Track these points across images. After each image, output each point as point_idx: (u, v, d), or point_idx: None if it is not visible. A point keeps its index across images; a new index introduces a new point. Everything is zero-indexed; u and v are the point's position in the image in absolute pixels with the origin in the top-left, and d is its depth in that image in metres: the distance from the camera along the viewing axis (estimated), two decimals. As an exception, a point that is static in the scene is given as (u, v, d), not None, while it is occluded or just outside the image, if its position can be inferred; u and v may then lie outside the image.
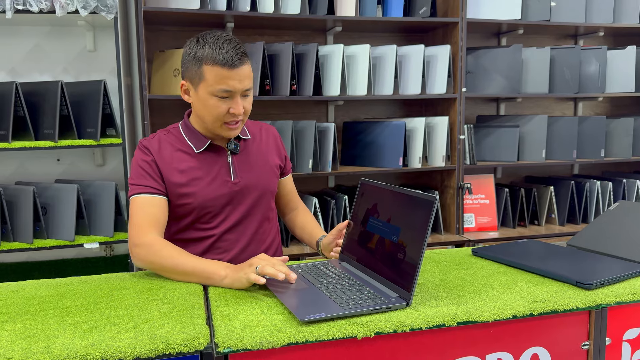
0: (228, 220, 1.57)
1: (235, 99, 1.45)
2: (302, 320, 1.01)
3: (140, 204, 1.46)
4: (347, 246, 1.41)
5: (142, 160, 1.51)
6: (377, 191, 1.33)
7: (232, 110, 1.45)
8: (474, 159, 2.83)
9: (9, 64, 2.59)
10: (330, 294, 1.15)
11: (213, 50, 1.40)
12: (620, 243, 1.45)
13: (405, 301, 1.10)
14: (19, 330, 1.00)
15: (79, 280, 1.32)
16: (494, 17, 2.78)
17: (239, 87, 1.43)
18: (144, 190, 1.47)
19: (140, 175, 1.49)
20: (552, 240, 2.75)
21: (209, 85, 1.42)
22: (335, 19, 2.55)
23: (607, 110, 3.41)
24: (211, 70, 1.41)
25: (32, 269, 2.65)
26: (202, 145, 1.54)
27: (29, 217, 2.32)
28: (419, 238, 1.12)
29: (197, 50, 1.43)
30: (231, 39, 1.44)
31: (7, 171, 2.63)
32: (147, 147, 1.52)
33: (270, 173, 1.65)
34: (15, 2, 2.19)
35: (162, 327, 1.00)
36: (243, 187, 1.57)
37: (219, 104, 1.44)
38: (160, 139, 1.56)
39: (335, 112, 2.94)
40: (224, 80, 1.41)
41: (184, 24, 2.64)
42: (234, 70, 1.41)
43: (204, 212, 1.54)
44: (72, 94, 2.35)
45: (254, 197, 1.60)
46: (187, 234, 1.57)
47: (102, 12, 2.24)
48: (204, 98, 1.45)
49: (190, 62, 1.45)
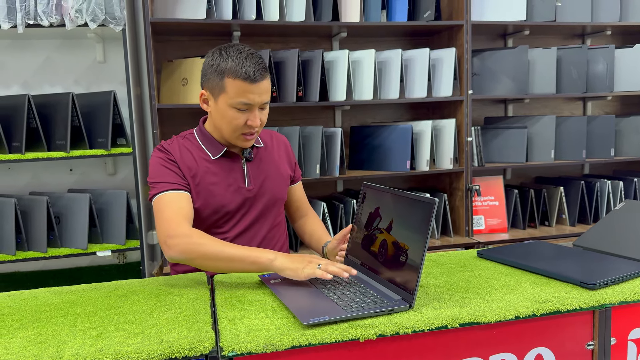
0: (239, 226, 1.62)
1: (253, 111, 1.50)
2: (305, 323, 1.03)
3: (167, 201, 1.47)
4: (351, 250, 1.42)
5: (163, 159, 1.54)
6: (379, 194, 1.34)
7: (250, 122, 1.50)
8: (482, 161, 2.83)
9: (21, 77, 2.65)
10: (333, 297, 1.16)
11: (236, 64, 1.45)
12: (626, 242, 1.45)
13: (408, 304, 1.11)
14: (31, 337, 1.03)
15: (89, 288, 1.35)
16: (499, 19, 2.78)
17: (258, 100, 1.48)
18: (169, 187, 1.49)
19: (163, 174, 1.51)
20: (563, 240, 2.74)
21: (230, 97, 1.47)
22: (340, 24, 2.57)
23: (617, 109, 3.38)
24: (233, 83, 1.45)
25: (47, 277, 2.70)
26: (218, 152, 1.59)
27: (43, 226, 2.37)
28: (420, 240, 1.13)
29: (220, 63, 1.47)
30: (253, 54, 1.48)
31: (21, 182, 2.69)
32: (168, 149, 1.57)
33: (281, 181, 1.69)
34: (26, 17, 2.25)
35: (169, 332, 1.03)
36: (256, 193, 1.62)
37: (238, 116, 1.49)
38: (178, 143, 1.61)
39: (342, 117, 2.96)
40: (245, 94, 1.46)
41: (191, 33, 2.68)
42: (255, 84, 1.46)
43: (217, 217, 1.59)
44: (83, 105, 2.40)
45: (265, 203, 1.64)
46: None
47: (111, 24, 2.28)
48: (223, 109, 1.49)
49: (212, 74, 1.49)
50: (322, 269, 1.23)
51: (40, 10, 2.24)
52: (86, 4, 2.25)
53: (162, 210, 1.45)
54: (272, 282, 1.28)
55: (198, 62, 2.45)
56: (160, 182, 1.50)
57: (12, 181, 2.68)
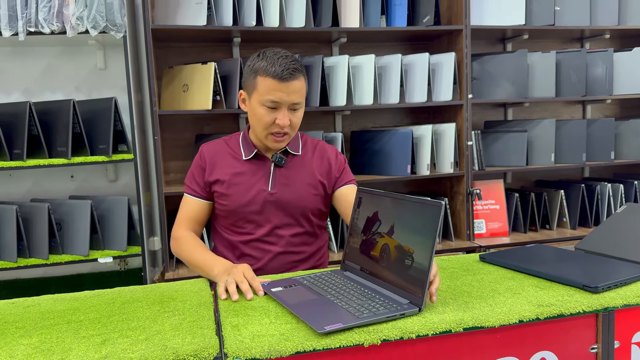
0: (260, 229, 1.65)
1: (282, 111, 1.54)
2: (320, 332, 1.01)
3: (185, 203, 1.70)
4: (349, 255, 1.41)
5: (195, 165, 1.70)
6: (376, 199, 1.34)
7: (278, 121, 1.54)
8: (483, 165, 2.83)
9: (22, 84, 2.65)
10: (341, 303, 1.15)
11: (268, 63, 1.51)
12: (628, 245, 1.45)
13: (418, 307, 1.11)
14: (35, 344, 1.03)
15: (92, 295, 1.35)
16: (498, 23, 2.79)
17: (286, 99, 1.52)
18: (190, 192, 1.69)
19: (191, 178, 1.70)
20: (565, 244, 2.74)
21: (260, 95, 1.53)
22: (340, 30, 2.58)
23: (616, 112, 3.39)
24: (263, 81, 1.52)
25: (49, 284, 2.70)
26: (249, 153, 1.66)
27: (44, 233, 2.37)
28: (427, 243, 1.13)
29: (255, 63, 1.55)
30: (287, 56, 1.54)
31: (22, 189, 2.69)
32: (204, 154, 1.69)
33: (309, 191, 1.67)
34: (27, 25, 2.26)
35: (173, 339, 1.03)
36: (278, 199, 1.64)
37: (266, 114, 1.54)
38: (218, 144, 1.72)
39: (343, 122, 2.97)
40: (273, 92, 1.51)
41: (191, 40, 2.69)
42: (284, 83, 1.50)
43: (239, 217, 1.65)
44: (84, 111, 2.41)
45: (289, 210, 1.65)
46: (229, 236, 1.70)
47: (112, 31, 2.29)
48: (254, 107, 1.56)
49: (248, 74, 1.58)
50: (226, 284, 1.28)
51: (41, 17, 2.24)
52: (87, 11, 2.26)
53: (179, 210, 1.70)
54: (273, 291, 1.26)
55: (199, 68, 2.46)
56: (186, 184, 1.71)
57: (13, 188, 2.69)
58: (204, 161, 1.68)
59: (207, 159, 1.68)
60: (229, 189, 1.63)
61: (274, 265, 1.67)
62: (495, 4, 2.79)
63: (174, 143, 2.76)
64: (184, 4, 2.45)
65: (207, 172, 1.66)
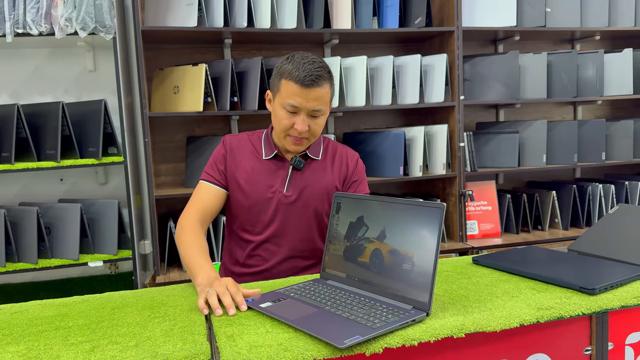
0: (271, 230, 1.64)
1: (301, 116, 1.53)
2: (341, 347, 0.96)
3: (200, 190, 1.65)
4: (330, 263, 1.35)
5: (217, 152, 1.68)
6: (359, 204, 1.30)
7: (296, 126, 1.54)
8: (475, 166, 2.83)
9: (10, 86, 2.62)
10: (345, 314, 1.10)
11: (294, 67, 1.51)
12: (621, 246, 1.45)
13: (425, 312, 1.09)
14: (22, 352, 1.01)
15: (81, 300, 1.32)
16: (490, 25, 2.80)
17: (306, 105, 1.51)
18: (207, 179, 1.66)
19: (210, 165, 1.67)
20: (557, 244, 2.75)
21: (282, 97, 1.54)
22: (331, 32, 2.57)
23: (607, 113, 3.41)
24: (287, 84, 1.52)
25: (38, 289, 2.66)
26: (270, 152, 1.66)
27: (33, 237, 2.34)
28: (429, 246, 1.11)
29: (283, 65, 1.55)
30: (314, 61, 1.52)
31: (11, 192, 2.65)
32: (227, 144, 1.68)
33: (324, 197, 1.67)
34: (15, 26, 2.22)
35: (164, 345, 1.01)
36: (293, 201, 1.63)
37: (286, 117, 1.54)
38: (242, 138, 1.71)
39: (335, 124, 2.96)
40: (293, 96, 1.51)
41: (182, 41, 2.67)
42: (306, 89, 1.50)
43: (251, 215, 1.64)
44: (74, 114, 2.38)
45: (303, 214, 1.64)
46: (240, 233, 1.68)
47: (101, 32, 2.26)
48: (276, 108, 1.57)
49: (276, 75, 1.57)
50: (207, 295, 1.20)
51: (29, 19, 2.21)
52: (76, 13, 2.23)
53: (193, 195, 1.65)
54: (263, 307, 1.18)
55: (189, 70, 2.44)
56: (204, 171, 1.68)
57: (1, 192, 2.65)
58: (226, 150, 1.67)
59: (230, 149, 1.67)
60: (246, 185, 1.63)
61: (281, 269, 1.65)
62: (487, 6, 2.79)
63: (165, 145, 2.74)
64: (174, 5, 2.43)
65: (229, 163, 1.66)
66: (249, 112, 2.47)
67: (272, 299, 1.23)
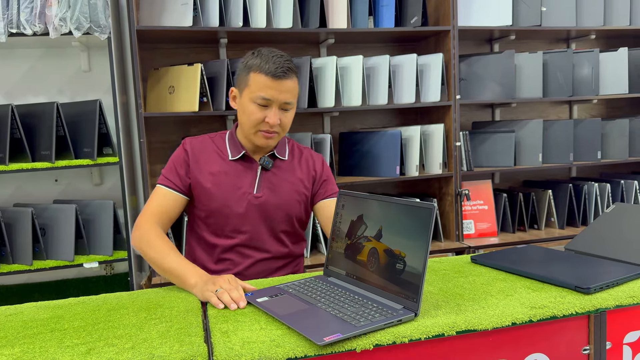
0: (243, 233, 1.61)
1: (273, 109, 1.52)
2: (320, 344, 0.97)
3: (158, 194, 1.59)
4: (332, 260, 1.37)
5: (177, 156, 1.63)
6: (360, 202, 1.31)
7: (268, 119, 1.52)
8: (471, 165, 2.83)
9: (4, 86, 2.60)
10: (335, 312, 1.11)
11: (262, 61, 1.51)
12: (617, 245, 1.45)
13: (413, 312, 1.09)
14: (17, 355, 1.00)
15: (77, 302, 1.31)
16: (485, 24, 2.80)
17: (278, 97, 1.51)
18: (166, 184, 1.59)
19: (170, 169, 1.61)
20: (553, 243, 2.76)
21: (251, 91, 1.52)
22: (327, 31, 2.57)
23: (602, 112, 3.42)
24: (256, 77, 1.51)
25: (33, 290, 2.65)
26: (237, 153, 1.63)
27: (28, 238, 2.32)
28: (420, 247, 1.11)
29: (250, 60, 1.54)
30: (282, 55, 1.53)
31: (5, 193, 2.64)
32: (187, 147, 1.63)
33: (294, 197, 1.65)
34: (9, 26, 2.21)
35: (160, 347, 1.00)
36: (263, 203, 1.60)
37: (256, 111, 1.52)
38: (204, 140, 1.67)
39: (331, 123, 2.95)
40: (265, 89, 1.50)
41: (177, 41, 2.66)
42: (276, 81, 1.49)
43: (221, 218, 1.60)
44: (68, 114, 2.36)
45: (273, 216, 1.62)
46: (208, 237, 1.63)
47: (96, 32, 2.25)
48: (245, 103, 1.54)
49: (241, 70, 1.57)
50: (217, 295, 1.21)
51: (23, 18, 2.20)
52: (70, 12, 2.22)
53: (149, 200, 1.58)
54: (259, 301, 1.20)
55: (185, 69, 2.43)
56: (163, 175, 1.61)
57: (-5, 193, 2.63)
58: (188, 155, 1.62)
59: (192, 153, 1.62)
60: (213, 187, 1.58)
61: (253, 272, 1.62)
62: (483, 5, 2.79)
63: (160, 145, 2.73)
64: (169, 4, 2.41)
65: (192, 167, 1.60)
66: (245, 112, 2.46)
67: (270, 294, 1.26)
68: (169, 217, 1.58)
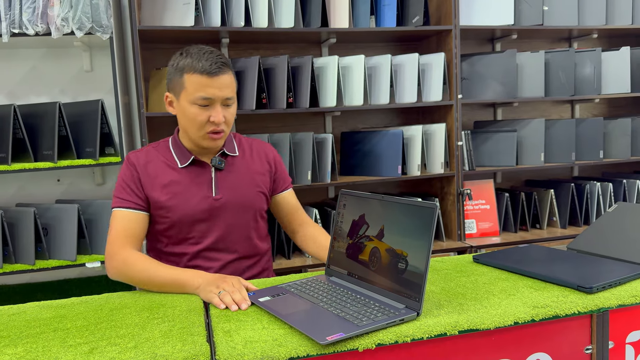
0: (209, 237, 1.57)
1: (216, 107, 1.47)
2: (323, 343, 0.97)
3: (119, 218, 1.50)
4: (334, 260, 1.37)
5: (125, 175, 1.55)
6: (362, 201, 1.31)
7: (212, 118, 1.47)
8: (473, 165, 2.83)
9: (6, 86, 2.61)
10: (337, 311, 1.12)
11: (194, 60, 1.46)
12: (620, 245, 1.45)
13: (415, 311, 1.09)
14: (20, 354, 1.00)
15: (79, 301, 1.32)
16: (487, 23, 2.79)
17: (219, 94, 1.46)
18: (124, 205, 1.52)
19: (123, 189, 1.53)
20: (555, 243, 2.75)
21: (190, 93, 1.46)
22: (329, 31, 2.56)
23: (604, 111, 3.41)
24: (191, 78, 1.45)
25: (35, 290, 2.65)
26: (186, 160, 1.57)
27: (30, 238, 2.33)
28: (422, 246, 1.11)
29: (180, 61, 1.49)
30: (212, 51, 1.48)
31: (7, 193, 2.64)
32: (134, 162, 1.56)
33: (255, 191, 1.63)
34: (11, 26, 2.21)
35: (163, 346, 1.00)
36: (225, 203, 1.56)
37: (199, 112, 1.47)
38: (148, 152, 1.60)
39: (333, 123, 2.95)
40: (203, 88, 1.45)
41: (179, 41, 2.66)
42: (213, 78, 1.45)
43: (183, 228, 1.55)
44: (70, 114, 2.37)
45: (237, 214, 1.58)
46: (171, 248, 1.58)
47: (98, 32, 2.25)
48: (185, 107, 1.48)
49: (173, 74, 1.51)
50: (220, 296, 1.22)
51: (25, 19, 2.20)
52: (72, 12, 2.22)
53: (111, 226, 1.50)
54: (261, 301, 1.21)
55: (187, 69, 2.43)
56: (117, 198, 1.53)
57: (-2, 193, 2.64)
58: (136, 169, 1.54)
59: (140, 167, 1.55)
60: (169, 200, 1.52)
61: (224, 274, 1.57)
62: (484, 4, 2.79)
63: (162, 145, 2.72)
64: (171, 4, 2.42)
65: (143, 181, 1.53)
66: (247, 111, 2.47)
67: (272, 293, 1.26)
68: (137, 238, 1.51)
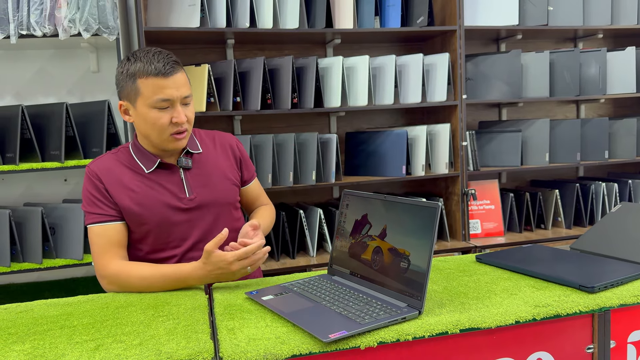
0: (190, 239, 1.53)
1: (176, 107, 1.44)
2: (325, 340, 0.98)
3: (97, 234, 1.45)
4: (336, 259, 1.38)
5: (91, 187, 1.48)
6: (365, 201, 1.32)
7: (175, 119, 1.44)
8: (478, 165, 2.83)
9: (14, 87, 2.63)
10: (339, 309, 1.13)
11: (144, 63, 1.41)
12: (623, 245, 1.45)
13: (417, 310, 1.10)
14: (28, 351, 1.02)
15: (86, 299, 1.33)
16: (492, 24, 2.79)
17: (177, 94, 1.43)
18: (99, 219, 1.46)
19: (92, 203, 1.47)
20: (560, 243, 2.75)
21: (147, 98, 1.42)
22: (334, 31, 2.58)
23: (610, 111, 3.40)
24: (146, 82, 1.41)
25: (43, 288, 2.68)
26: (151, 165, 1.52)
27: (37, 237, 2.35)
28: (424, 245, 1.12)
29: (130, 67, 1.43)
30: (161, 51, 1.45)
31: (15, 193, 2.67)
32: (96, 174, 1.49)
33: (227, 184, 1.60)
34: (19, 28, 2.24)
35: (167, 343, 1.02)
36: (200, 202, 1.53)
37: (160, 115, 1.43)
38: (109, 160, 1.53)
39: (337, 123, 2.96)
40: (161, 90, 1.41)
41: (185, 42, 2.68)
42: (169, 78, 1.42)
43: (160, 234, 1.51)
44: (77, 114, 2.39)
45: (215, 211, 1.56)
46: (150, 256, 1.53)
47: (104, 33, 2.28)
48: (144, 112, 1.44)
49: (124, 80, 1.45)
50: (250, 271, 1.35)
51: (33, 20, 2.23)
52: (79, 14, 2.24)
53: (92, 243, 1.46)
54: (264, 299, 1.22)
55: (192, 70, 2.45)
56: (90, 213, 1.47)
57: (6, 192, 2.66)
58: (101, 181, 1.48)
59: (104, 177, 1.48)
60: (141, 208, 1.47)
61: None
62: (489, 5, 2.79)
63: (168, 145, 2.74)
64: (177, 5, 2.44)
65: (111, 192, 1.47)
66: (252, 112, 2.48)
67: (274, 292, 1.28)
68: (121, 247, 1.47)
